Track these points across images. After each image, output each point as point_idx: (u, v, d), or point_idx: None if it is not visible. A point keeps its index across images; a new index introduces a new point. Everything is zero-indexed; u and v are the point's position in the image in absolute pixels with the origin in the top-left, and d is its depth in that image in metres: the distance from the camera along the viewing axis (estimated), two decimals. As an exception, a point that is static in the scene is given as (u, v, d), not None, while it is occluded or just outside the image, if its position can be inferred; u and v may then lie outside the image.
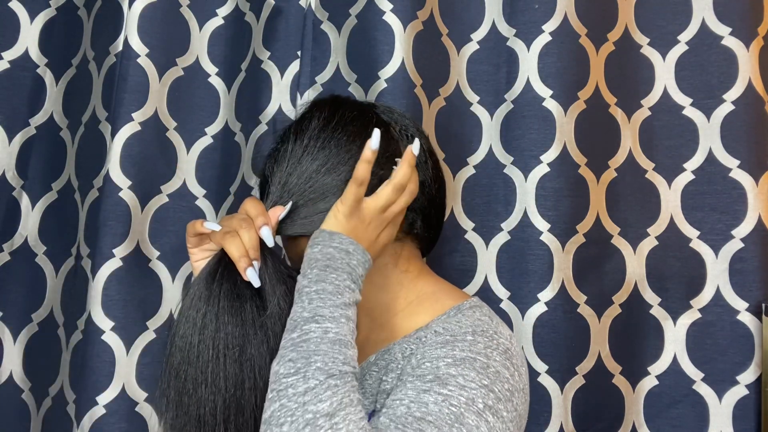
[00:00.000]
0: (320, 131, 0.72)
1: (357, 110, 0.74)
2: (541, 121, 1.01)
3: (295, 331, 0.60)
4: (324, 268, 0.63)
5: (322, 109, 0.74)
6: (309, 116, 0.74)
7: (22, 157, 1.18)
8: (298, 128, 0.73)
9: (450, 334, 0.65)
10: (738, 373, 0.98)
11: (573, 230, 1.00)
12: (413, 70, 1.00)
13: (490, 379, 0.60)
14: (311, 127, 0.72)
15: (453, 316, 0.69)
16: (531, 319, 0.99)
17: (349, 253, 0.64)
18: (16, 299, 1.17)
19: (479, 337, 0.64)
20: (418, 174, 0.73)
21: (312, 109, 0.76)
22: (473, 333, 0.65)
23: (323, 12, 1.08)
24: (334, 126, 0.72)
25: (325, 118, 0.73)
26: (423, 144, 0.75)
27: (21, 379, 1.16)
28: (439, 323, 0.68)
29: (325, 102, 0.76)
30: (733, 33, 1.02)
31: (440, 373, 0.60)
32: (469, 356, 0.62)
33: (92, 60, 1.16)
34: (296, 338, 0.59)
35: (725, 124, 1.02)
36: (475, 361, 0.61)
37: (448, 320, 0.68)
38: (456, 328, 0.66)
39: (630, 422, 1.02)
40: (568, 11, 1.02)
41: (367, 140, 0.68)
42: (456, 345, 0.63)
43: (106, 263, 1.01)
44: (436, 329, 0.67)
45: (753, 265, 0.99)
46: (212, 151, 1.12)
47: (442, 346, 0.64)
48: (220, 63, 1.14)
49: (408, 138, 0.75)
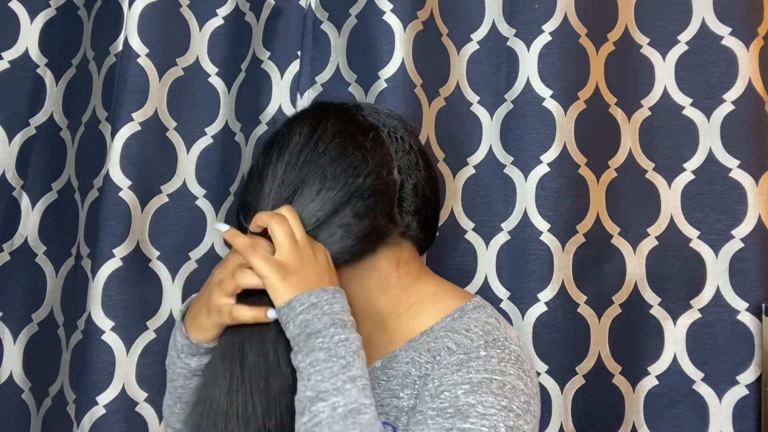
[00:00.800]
0: (300, 151, 0.69)
1: (340, 123, 0.71)
2: (541, 121, 1.01)
3: (304, 414, 0.59)
4: (307, 338, 0.61)
5: (302, 124, 0.71)
6: (290, 133, 0.71)
7: (22, 157, 1.18)
8: (280, 147, 0.70)
9: (463, 351, 0.65)
10: (738, 373, 0.98)
11: (573, 230, 1.00)
12: (413, 70, 1.00)
13: (508, 398, 0.61)
14: (292, 145, 0.69)
15: (458, 319, 0.69)
16: (531, 319, 0.99)
17: (316, 305, 0.62)
18: (16, 299, 1.16)
19: (492, 350, 0.65)
20: (411, 176, 0.72)
21: (292, 123, 0.72)
22: (485, 346, 0.65)
23: (323, 12, 1.08)
24: (315, 143, 0.69)
25: (307, 134, 0.70)
26: (413, 144, 0.74)
27: (21, 379, 1.15)
28: (449, 333, 0.67)
29: (306, 115, 0.73)
30: (733, 33, 1.03)
31: (459, 404, 0.61)
32: (485, 378, 0.62)
33: (92, 60, 1.16)
34: (307, 422, 0.59)
35: (725, 124, 1.02)
36: (492, 382, 0.62)
37: (453, 327, 0.68)
38: (467, 342, 0.65)
39: (630, 422, 1.02)
40: (568, 11, 1.02)
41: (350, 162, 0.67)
42: (471, 366, 0.63)
43: (106, 263, 1.01)
44: (448, 345, 0.66)
45: (753, 265, 0.99)
46: (212, 151, 1.12)
47: (458, 368, 0.64)
48: (220, 63, 1.14)
49: (398, 140, 0.73)
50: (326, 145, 0.69)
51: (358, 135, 0.70)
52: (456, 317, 0.69)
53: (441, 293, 0.73)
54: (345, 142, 0.69)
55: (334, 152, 0.68)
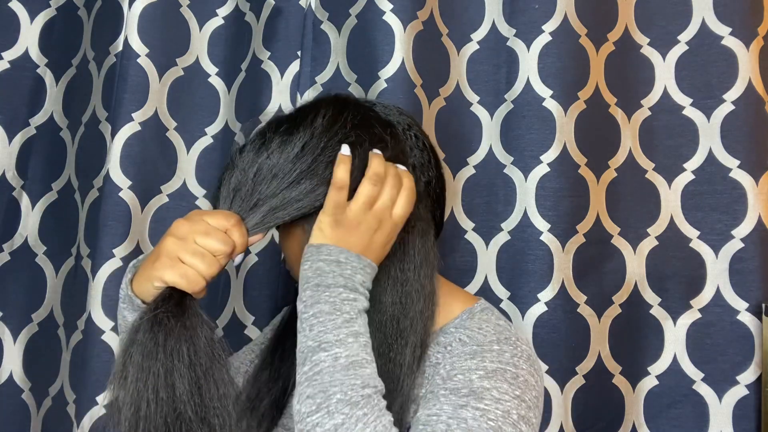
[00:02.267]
0: (323, 131, 0.66)
1: (359, 116, 0.69)
2: (541, 121, 1.01)
3: (305, 364, 0.59)
4: (315, 288, 0.61)
5: (327, 106, 0.68)
6: (314, 113, 0.68)
7: (22, 157, 1.18)
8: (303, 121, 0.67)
9: (476, 343, 0.65)
10: (738, 373, 0.98)
11: (573, 230, 1.00)
12: (413, 70, 1.00)
13: (521, 389, 0.62)
14: (316, 124, 0.66)
15: (467, 320, 0.69)
16: (531, 319, 0.99)
17: (341, 263, 0.62)
18: (16, 299, 1.16)
19: (504, 345, 0.65)
20: (424, 174, 0.71)
21: (308, 112, 0.69)
22: (498, 342, 0.65)
23: (323, 12, 1.08)
24: (335, 133, 0.66)
25: (328, 122, 0.67)
26: (426, 142, 0.74)
27: (21, 379, 1.16)
28: (460, 330, 0.67)
29: (326, 105, 0.70)
30: (733, 33, 1.03)
31: (474, 386, 0.61)
32: (499, 367, 0.62)
33: (92, 60, 1.16)
34: (308, 371, 0.58)
35: (725, 124, 1.02)
36: (506, 372, 0.62)
37: (464, 325, 0.68)
38: (480, 337, 0.65)
39: (630, 422, 1.02)
40: (568, 11, 1.02)
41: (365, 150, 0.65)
42: (485, 356, 0.63)
43: (106, 263, 1.01)
44: (461, 337, 0.66)
45: (753, 265, 0.99)
46: (212, 151, 1.12)
47: (471, 357, 0.63)
48: (220, 63, 1.14)
49: (412, 138, 0.72)
50: (346, 135, 0.67)
51: (377, 130, 0.68)
52: (465, 318, 0.69)
53: (447, 295, 0.73)
54: (365, 136, 0.67)
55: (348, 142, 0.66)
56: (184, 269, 0.61)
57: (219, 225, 0.63)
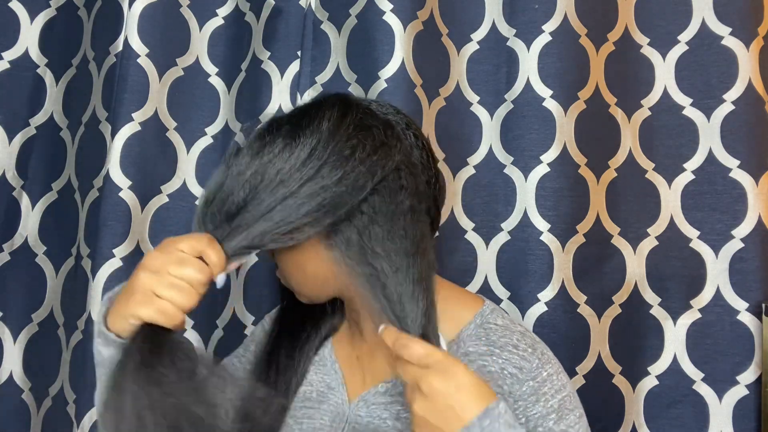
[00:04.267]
0: (329, 135, 0.63)
1: (360, 117, 0.66)
2: (541, 121, 1.01)
3: None
4: None
5: (331, 109, 0.66)
6: (319, 116, 0.65)
7: (22, 157, 1.18)
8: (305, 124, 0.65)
9: (530, 377, 0.67)
10: (738, 373, 0.98)
11: (573, 230, 1.00)
12: (413, 70, 1.00)
13: (576, 405, 0.69)
14: (323, 128, 0.64)
15: (483, 327, 0.70)
16: (531, 319, 0.99)
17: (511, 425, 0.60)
18: (16, 299, 1.17)
19: (547, 365, 0.68)
20: (424, 173, 0.70)
21: (312, 112, 0.66)
22: (541, 363, 0.68)
23: (323, 12, 1.08)
24: (343, 131, 0.64)
25: (334, 124, 0.64)
26: (425, 142, 0.73)
27: (21, 379, 1.16)
28: (490, 346, 0.69)
29: (328, 106, 0.67)
30: (733, 33, 1.02)
31: None
32: (559, 400, 0.67)
33: (92, 60, 1.16)
34: None
35: (725, 124, 1.02)
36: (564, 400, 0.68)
37: (491, 337, 0.69)
38: (527, 365, 0.67)
39: (630, 422, 1.02)
40: (568, 11, 1.02)
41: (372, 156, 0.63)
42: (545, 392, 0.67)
43: (106, 263, 1.01)
44: (510, 371, 0.67)
45: (753, 265, 0.99)
46: (212, 151, 1.12)
47: (536, 399, 0.66)
48: (220, 63, 1.14)
49: (410, 137, 0.70)
50: (349, 137, 0.64)
51: (379, 131, 0.67)
52: (478, 323, 0.70)
53: (450, 298, 0.72)
54: (367, 139, 0.65)
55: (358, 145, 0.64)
56: (161, 304, 0.59)
57: (192, 250, 0.60)
